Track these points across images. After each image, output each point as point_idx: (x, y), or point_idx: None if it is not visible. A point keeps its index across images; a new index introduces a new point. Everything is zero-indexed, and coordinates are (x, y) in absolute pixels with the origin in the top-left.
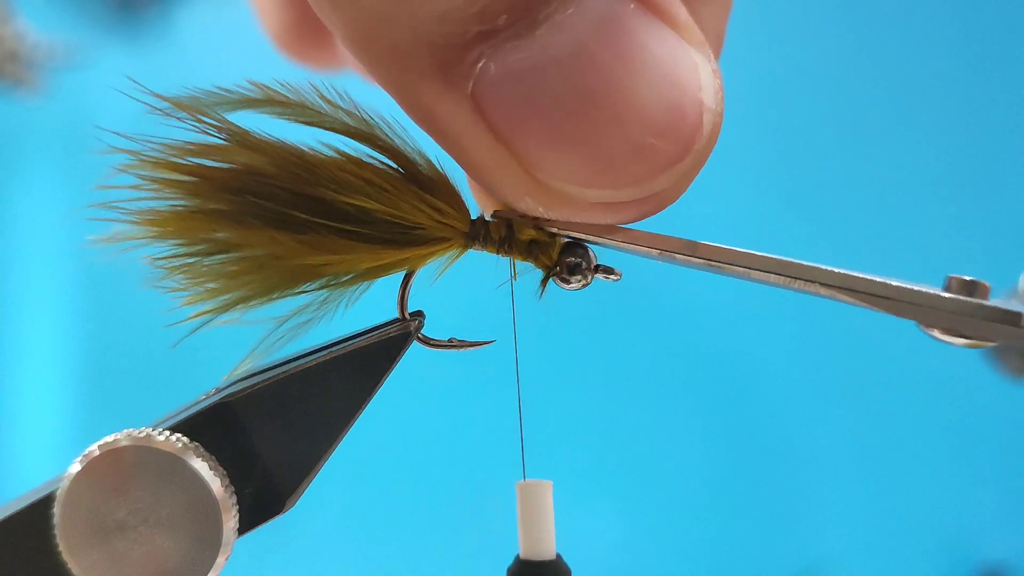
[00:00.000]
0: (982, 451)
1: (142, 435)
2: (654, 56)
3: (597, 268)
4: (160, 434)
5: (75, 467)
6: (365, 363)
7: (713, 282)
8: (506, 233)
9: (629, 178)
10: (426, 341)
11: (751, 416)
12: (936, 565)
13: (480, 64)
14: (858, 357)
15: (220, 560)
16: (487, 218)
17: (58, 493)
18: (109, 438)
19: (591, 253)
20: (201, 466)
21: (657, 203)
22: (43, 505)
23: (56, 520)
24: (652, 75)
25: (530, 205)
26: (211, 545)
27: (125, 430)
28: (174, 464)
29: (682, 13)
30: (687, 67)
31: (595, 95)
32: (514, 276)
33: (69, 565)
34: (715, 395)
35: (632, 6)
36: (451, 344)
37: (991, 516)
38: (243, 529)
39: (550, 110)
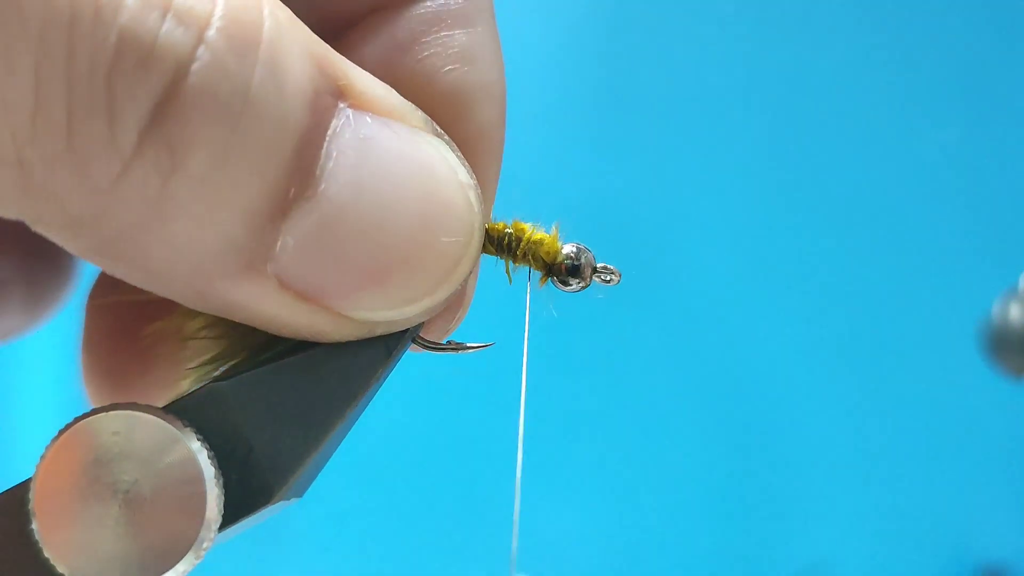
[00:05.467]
0: (982, 450)
1: (127, 406)
2: (413, 159)
3: (595, 270)
4: (147, 408)
5: (52, 442)
6: (361, 355)
7: (711, 281)
8: (506, 236)
9: (437, 281)
10: (424, 343)
11: (750, 415)
12: (936, 565)
13: (279, 243)
14: (858, 355)
15: (203, 540)
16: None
17: (35, 471)
18: (91, 412)
19: (590, 254)
20: (189, 439)
21: (464, 283)
22: (18, 492)
23: (31, 495)
24: (420, 180)
25: (350, 336)
26: (194, 522)
27: (108, 404)
28: (161, 435)
29: (396, 98)
30: (438, 158)
31: (386, 221)
32: (513, 279)
33: (42, 546)
34: (714, 394)
35: (369, 119)
36: (450, 347)
37: (991, 516)
38: (230, 516)
39: (352, 255)
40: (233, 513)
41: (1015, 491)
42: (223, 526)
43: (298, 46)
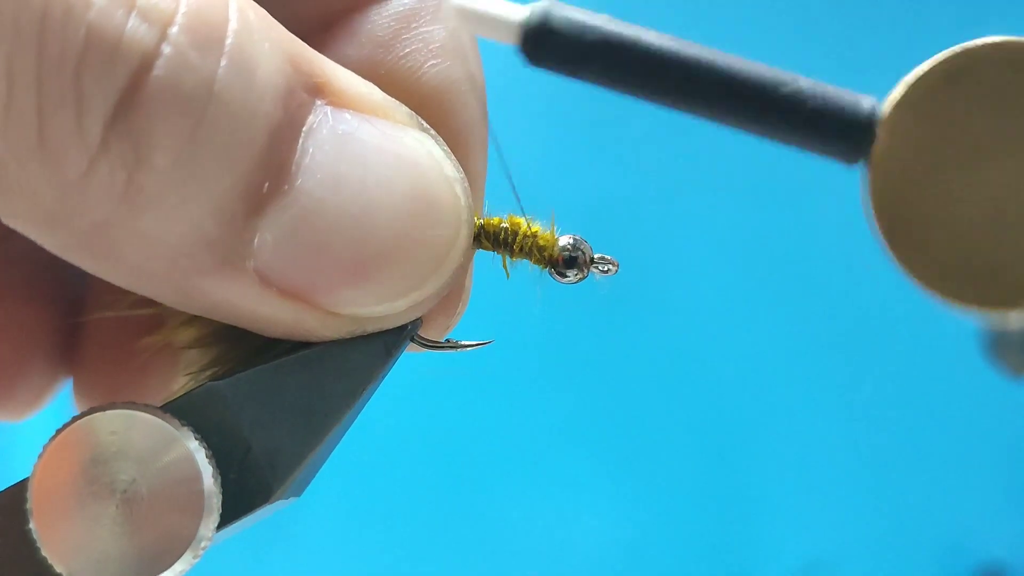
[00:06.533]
0: (982, 449)
1: (125, 405)
2: (395, 153)
3: (593, 261)
4: (145, 407)
5: (49, 441)
6: (360, 353)
7: (710, 279)
8: (502, 231)
9: (424, 276)
10: (422, 341)
11: (749, 413)
12: (936, 565)
13: (257, 239)
14: (857, 353)
15: (201, 539)
16: None
17: (32, 470)
18: (88, 411)
19: (587, 246)
20: (187, 438)
21: (453, 278)
22: (16, 491)
23: (29, 494)
24: (403, 174)
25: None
26: (192, 522)
27: (107, 403)
28: (159, 434)
29: (378, 94)
30: (423, 152)
31: (367, 215)
32: (508, 274)
33: (40, 545)
34: (711, 391)
35: (348, 115)
36: (448, 345)
37: (991, 516)
38: (228, 515)
39: (333, 250)
40: (231, 512)
41: (1015, 490)
42: (221, 525)
43: (270, 43)
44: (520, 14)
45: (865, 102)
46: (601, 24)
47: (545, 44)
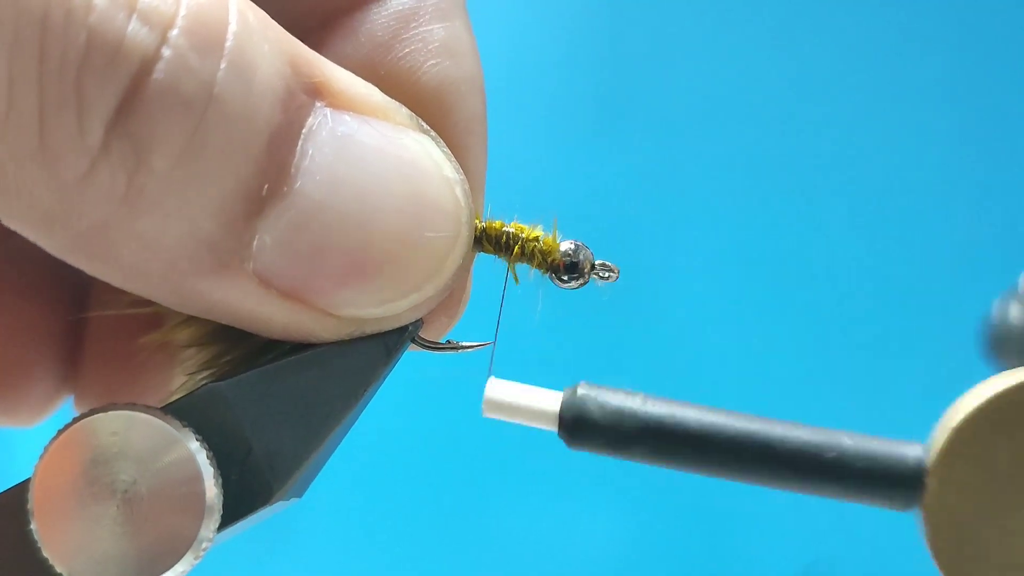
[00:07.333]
0: None
1: (126, 406)
2: (395, 155)
3: (594, 267)
4: (146, 408)
5: (50, 442)
6: (361, 354)
7: (711, 283)
8: (504, 234)
9: (424, 277)
10: (422, 342)
11: (748, 412)
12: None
13: (256, 241)
14: (855, 351)
15: (202, 540)
16: None
17: (34, 470)
18: (89, 412)
19: (588, 251)
20: (188, 439)
21: (453, 280)
22: (17, 492)
23: (30, 495)
24: (403, 176)
25: (341, 334)
26: (193, 523)
27: (108, 404)
28: (159, 435)
29: (378, 96)
30: (423, 154)
31: (367, 217)
32: (516, 280)
33: (41, 545)
34: (712, 393)
35: (348, 117)
36: (447, 346)
37: None
38: (229, 516)
39: (332, 251)
40: (232, 513)
41: None
42: (222, 526)
43: (270, 45)
44: (554, 404)
45: (911, 453)
46: (637, 408)
47: (582, 433)
